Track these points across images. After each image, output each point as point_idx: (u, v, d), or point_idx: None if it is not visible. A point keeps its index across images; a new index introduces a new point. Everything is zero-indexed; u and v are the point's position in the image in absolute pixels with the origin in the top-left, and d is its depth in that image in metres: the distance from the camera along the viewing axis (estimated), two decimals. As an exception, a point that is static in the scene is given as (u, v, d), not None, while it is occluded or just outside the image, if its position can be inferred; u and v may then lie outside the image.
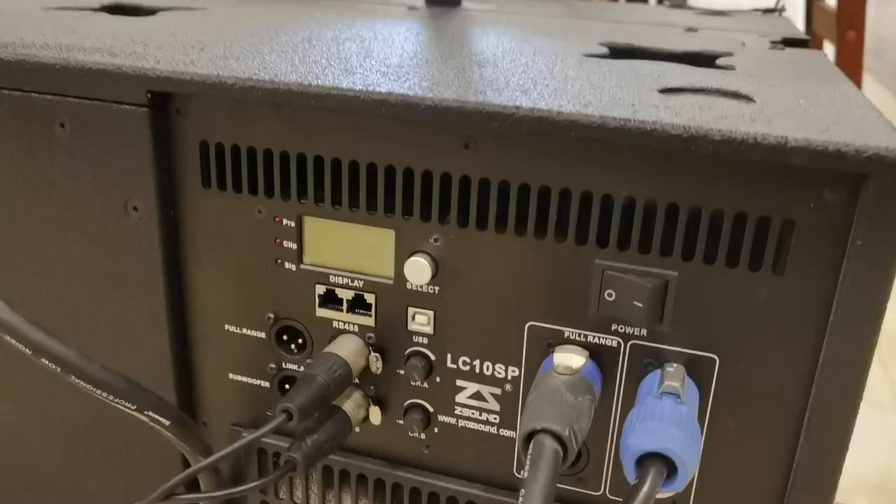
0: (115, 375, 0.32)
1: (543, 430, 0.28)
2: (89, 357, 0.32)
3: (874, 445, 0.74)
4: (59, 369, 0.31)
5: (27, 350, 0.31)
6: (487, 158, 0.31)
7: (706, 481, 0.33)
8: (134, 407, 0.33)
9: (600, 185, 0.30)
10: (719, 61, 0.42)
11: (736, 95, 0.33)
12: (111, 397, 0.32)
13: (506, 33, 0.49)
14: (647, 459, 0.27)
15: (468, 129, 0.31)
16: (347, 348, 0.34)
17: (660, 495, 0.33)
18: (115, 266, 0.37)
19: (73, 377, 0.31)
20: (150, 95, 0.33)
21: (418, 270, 0.32)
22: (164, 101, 0.34)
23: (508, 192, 0.31)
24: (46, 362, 0.31)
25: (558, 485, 0.34)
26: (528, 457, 0.27)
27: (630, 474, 0.28)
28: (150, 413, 0.33)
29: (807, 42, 0.56)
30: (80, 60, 0.34)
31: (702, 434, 0.31)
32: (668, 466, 0.27)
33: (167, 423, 0.33)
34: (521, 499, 0.26)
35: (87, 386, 0.32)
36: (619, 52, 0.44)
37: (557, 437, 0.28)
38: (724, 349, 0.30)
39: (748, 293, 0.29)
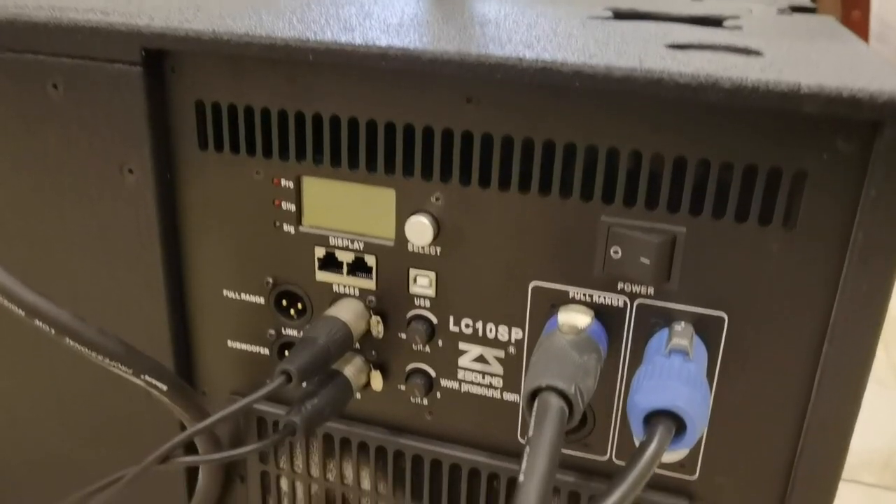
0: (110, 338, 0.32)
1: (548, 388, 0.27)
2: (84, 319, 0.31)
3: (880, 423, 0.73)
4: (52, 331, 0.30)
5: (21, 311, 0.30)
6: (490, 113, 0.30)
7: (714, 443, 0.32)
8: (130, 371, 0.32)
9: (606, 139, 0.29)
10: (726, 23, 0.41)
11: (745, 51, 0.32)
12: (107, 360, 0.31)
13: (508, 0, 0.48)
14: (654, 417, 0.27)
15: (470, 82, 0.30)
16: (348, 312, 0.34)
17: (668, 457, 0.32)
18: (111, 231, 0.36)
19: (67, 339, 0.31)
20: (144, 53, 0.32)
21: (420, 230, 0.32)
22: (158, 60, 0.33)
23: (512, 147, 0.30)
24: (40, 324, 0.30)
25: (563, 450, 0.34)
26: (533, 415, 0.27)
27: (638, 433, 0.27)
28: (147, 377, 0.32)
29: (814, 10, 0.55)
30: (72, 19, 0.33)
31: (710, 393, 0.31)
32: (677, 424, 0.27)
33: (164, 387, 0.33)
34: (525, 457, 0.25)
35: (83, 348, 0.31)
36: (623, 15, 0.43)
37: (563, 395, 0.27)
38: (733, 307, 0.30)
39: (758, 248, 0.29)
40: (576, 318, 0.30)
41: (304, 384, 0.33)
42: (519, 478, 0.25)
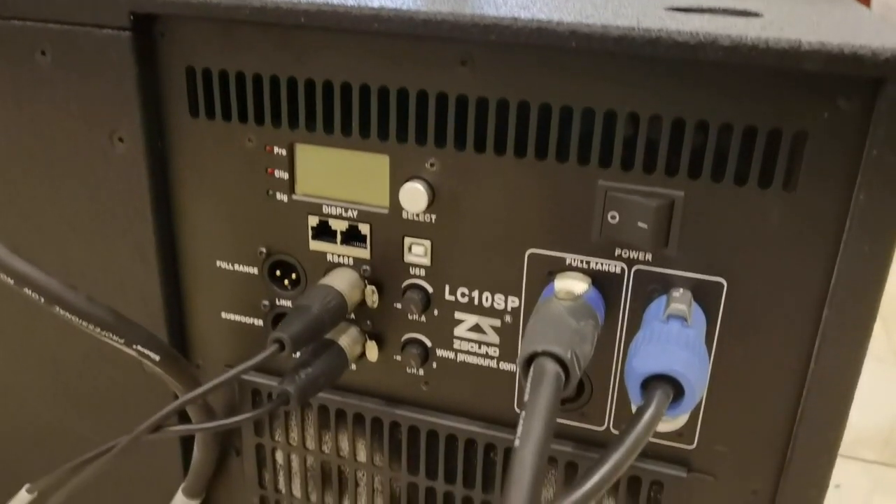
0: (101, 307, 0.31)
1: (544, 353, 0.27)
2: (74, 288, 0.31)
3: (880, 401, 0.73)
4: (42, 299, 0.30)
5: (9, 279, 0.30)
6: (485, 76, 0.29)
7: (713, 412, 0.32)
8: (122, 341, 0.32)
9: (603, 102, 0.28)
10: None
11: (744, 13, 0.32)
12: (98, 330, 0.31)
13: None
14: (652, 382, 0.26)
15: (464, 44, 0.29)
16: (342, 281, 0.33)
17: (666, 426, 0.32)
18: (102, 201, 0.36)
19: (57, 308, 0.30)
20: (132, 18, 0.32)
21: (414, 197, 0.31)
22: (147, 25, 0.32)
23: (507, 111, 0.30)
24: (29, 292, 0.30)
25: (560, 420, 0.34)
26: (529, 381, 0.26)
27: (635, 398, 0.27)
28: (139, 347, 0.32)
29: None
30: (60, -17, 0.33)
31: (709, 360, 0.30)
32: (675, 390, 0.26)
33: (157, 357, 0.33)
34: (521, 422, 0.25)
35: (73, 317, 0.31)
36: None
37: (559, 361, 0.27)
38: (732, 272, 0.29)
39: (758, 212, 0.28)
40: (572, 285, 0.30)
41: (297, 355, 0.33)
42: (515, 443, 0.24)
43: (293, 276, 0.35)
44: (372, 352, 0.35)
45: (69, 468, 0.32)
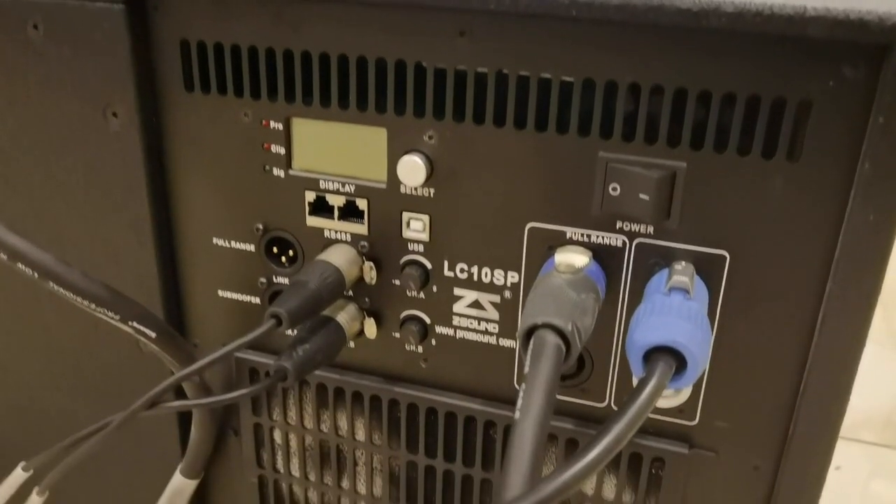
0: (96, 283, 0.31)
1: (544, 326, 0.26)
2: (69, 264, 0.30)
3: (880, 384, 0.73)
4: (36, 275, 0.30)
5: (3, 255, 0.29)
6: (484, 46, 0.29)
7: (714, 387, 0.31)
8: (118, 317, 0.31)
9: (603, 72, 0.28)
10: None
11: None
12: (93, 306, 0.31)
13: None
14: (654, 354, 0.26)
15: (463, 13, 0.29)
16: (340, 257, 0.33)
17: (668, 401, 0.32)
18: (96, 178, 0.35)
19: (51, 283, 0.30)
20: (125, -10, 0.31)
21: (412, 170, 0.31)
22: (141, -3, 0.32)
23: (507, 82, 0.29)
24: (23, 268, 0.30)
25: (560, 396, 0.33)
26: (529, 353, 0.26)
27: (637, 371, 0.26)
28: (135, 324, 0.32)
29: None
30: (51, -45, 0.32)
31: (711, 334, 0.30)
32: (677, 362, 0.26)
33: (153, 334, 0.32)
34: (521, 394, 0.25)
35: (68, 293, 0.30)
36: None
37: (559, 333, 0.26)
38: (734, 245, 0.29)
39: (761, 183, 0.28)
40: (573, 258, 0.29)
41: (295, 331, 0.32)
42: (515, 415, 0.24)
43: (290, 253, 0.35)
44: (370, 329, 0.35)
45: (65, 445, 0.31)
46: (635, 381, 0.27)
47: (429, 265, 0.33)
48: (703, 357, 0.26)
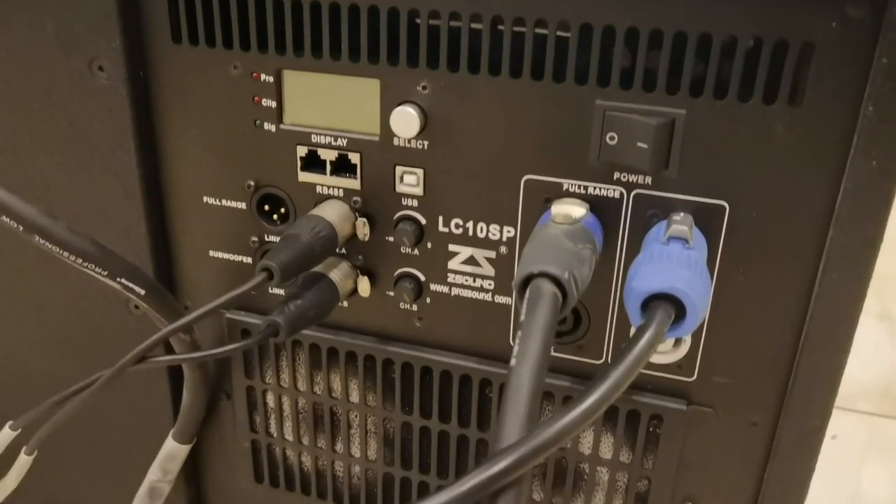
0: (83, 238, 0.30)
1: (541, 274, 0.26)
2: (55, 217, 0.30)
3: (878, 355, 0.73)
4: (20, 228, 0.29)
5: (-14, 208, 0.29)
6: (478, -9, 0.28)
7: (713, 342, 0.31)
8: (105, 273, 0.31)
9: (601, 16, 0.27)
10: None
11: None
12: (80, 261, 0.30)
13: None
14: (653, 302, 0.25)
15: (457, -43, 0.28)
16: (332, 212, 0.32)
17: (665, 357, 0.31)
18: (83, 134, 0.35)
19: (37, 237, 0.29)
20: (111, -63, 0.31)
21: (405, 121, 0.30)
22: (126, -55, 0.31)
23: (502, 28, 0.28)
24: (7, 220, 0.29)
25: (556, 353, 0.33)
26: (525, 302, 0.25)
27: (636, 320, 0.26)
28: (123, 280, 0.31)
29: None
30: None
31: (711, 283, 0.29)
32: (676, 310, 0.25)
33: (142, 291, 0.32)
34: (517, 342, 0.24)
35: (54, 247, 0.30)
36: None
37: (556, 282, 0.26)
38: (734, 194, 0.28)
39: (762, 130, 0.27)
40: (570, 209, 0.29)
41: (287, 294, 0.32)
42: (511, 362, 0.24)
43: (282, 210, 0.34)
44: (364, 287, 0.34)
45: (53, 402, 0.31)
46: (634, 331, 0.26)
47: (423, 221, 0.32)
48: (702, 305, 0.26)
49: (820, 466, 0.32)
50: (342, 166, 0.33)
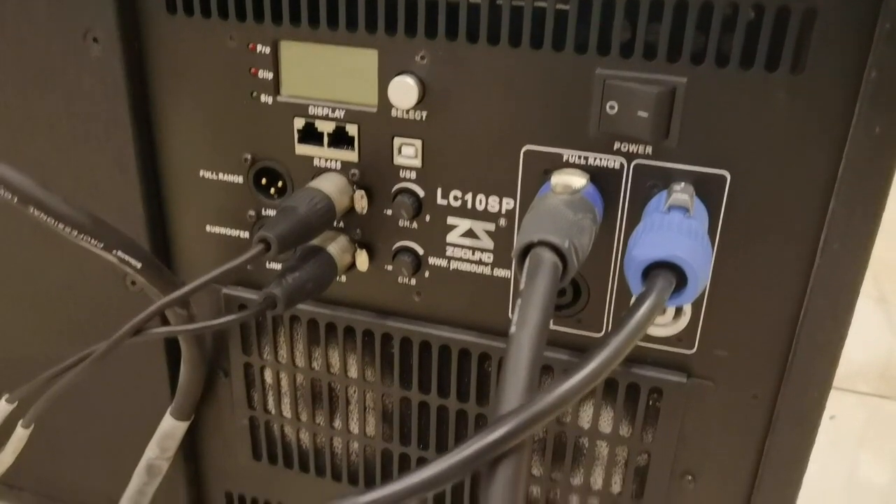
0: (79, 210, 0.30)
1: (541, 243, 0.26)
2: (50, 189, 0.29)
3: (875, 336, 0.73)
4: (15, 199, 0.29)
5: (-21, 179, 0.28)
6: (477, -42, 0.28)
7: (713, 314, 0.31)
8: (101, 245, 0.30)
9: (602, -16, 0.27)
10: None
11: None
12: (75, 233, 0.30)
13: None
14: (654, 271, 0.25)
15: (456, -77, 0.28)
16: (330, 184, 0.32)
17: (666, 330, 0.31)
18: (77, 107, 0.34)
19: (32, 209, 0.29)
20: None
21: (404, 92, 0.30)
22: (120, -87, 0.31)
23: (501, -4, 0.28)
24: (2, 191, 0.29)
25: (556, 327, 0.33)
26: (525, 271, 0.25)
27: (636, 290, 0.26)
28: (120, 253, 0.31)
29: None
30: None
31: (712, 252, 0.29)
32: (677, 279, 0.25)
33: (138, 265, 0.31)
34: (517, 310, 0.24)
35: (49, 219, 0.29)
36: None
37: (556, 251, 0.26)
38: (735, 164, 0.28)
39: (764, 98, 0.27)
40: (570, 179, 0.29)
41: (284, 267, 0.31)
42: (511, 329, 0.24)
43: (279, 184, 0.34)
44: (362, 261, 0.34)
45: (50, 375, 0.31)
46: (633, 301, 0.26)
47: (421, 193, 0.32)
48: (703, 273, 0.25)
49: (819, 445, 0.32)
50: (340, 138, 0.32)
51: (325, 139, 0.32)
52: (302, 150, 0.33)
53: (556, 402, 0.22)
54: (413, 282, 0.34)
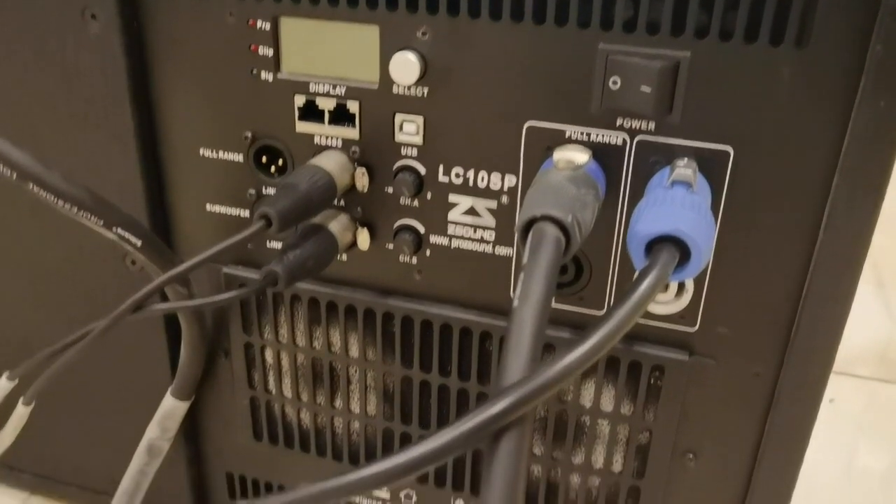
0: (78, 186, 0.30)
1: (544, 217, 0.25)
2: (49, 165, 0.29)
3: (875, 320, 0.73)
4: (14, 175, 0.28)
5: (-22, 154, 0.28)
6: (479, -68, 0.28)
7: (716, 291, 0.31)
8: (101, 222, 0.30)
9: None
10: None
11: None
12: (75, 210, 0.30)
13: None
14: (657, 245, 0.25)
15: None
16: (330, 161, 0.32)
17: (667, 307, 0.31)
18: (76, 85, 0.34)
19: (31, 185, 0.29)
20: None
21: (405, 67, 0.30)
22: None
23: (503, -30, 0.28)
24: (0, 168, 0.28)
25: (557, 305, 0.33)
26: (528, 246, 0.25)
27: (639, 265, 0.26)
28: (120, 231, 0.31)
29: None
30: None
31: (715, 228, 0.29)
32: (681, 253, 0.25)
33: (138, 242, 0.31)
34: (520, 284, 0.24)
35: (49, 196, 0.29)
36: None
37: (559, 225, 0.25)
38: (738, 139, 0.28)
39: (768, 72, 0.27)
40: (573, 155, 0.28)
41: (285, 244, 0.31)
42: (513, 303, 0.23)
43: (280, 162, 0.34)
44: (363, 240, 0.34)
45: (50, 352, 0.30)
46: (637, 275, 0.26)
47: (422, 170, 0.32)
48: (706, 248, 0.25)
49: (818, 429, 0.32)
50: (340, 116, 0.32)
51: (326, 116, 0.32)
52: (302, 127, 0.33)
53: (558, 375, 0.22)
54: (414, 260, 0.34)
